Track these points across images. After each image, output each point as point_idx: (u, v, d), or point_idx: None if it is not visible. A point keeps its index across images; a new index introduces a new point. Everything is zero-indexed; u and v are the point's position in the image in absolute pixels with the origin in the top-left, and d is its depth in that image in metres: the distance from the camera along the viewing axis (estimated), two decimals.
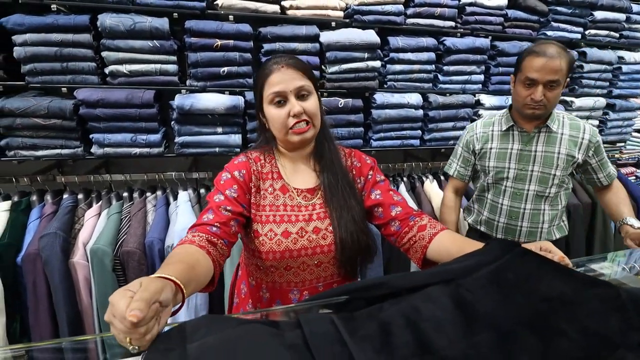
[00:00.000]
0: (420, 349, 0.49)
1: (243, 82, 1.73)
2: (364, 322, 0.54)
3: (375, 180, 0.97)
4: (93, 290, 1.54)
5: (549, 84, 1.23)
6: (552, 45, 1.24)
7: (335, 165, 0.94)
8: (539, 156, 1.36)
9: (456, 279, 0.62)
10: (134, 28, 1.54)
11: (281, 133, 0.88)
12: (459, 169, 1.54)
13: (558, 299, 0.59)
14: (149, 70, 1.61)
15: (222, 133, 1.74)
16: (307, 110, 0.85)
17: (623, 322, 0.55)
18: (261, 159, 0.94)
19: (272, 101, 0.86)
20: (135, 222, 1.65)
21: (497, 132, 1.44)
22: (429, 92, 2.05)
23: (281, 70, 0.85)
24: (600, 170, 1.39)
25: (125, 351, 0.47)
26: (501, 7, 2.03)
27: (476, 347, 0.49)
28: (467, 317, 0.54)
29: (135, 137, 1.64)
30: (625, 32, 2.39)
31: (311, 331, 0.50)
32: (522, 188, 1.41)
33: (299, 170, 0.95)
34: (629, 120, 2.54)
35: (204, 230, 0.77)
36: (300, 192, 0.93)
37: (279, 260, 0.88)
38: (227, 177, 0.88)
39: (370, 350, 0.47)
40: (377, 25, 1.87)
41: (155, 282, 0.51)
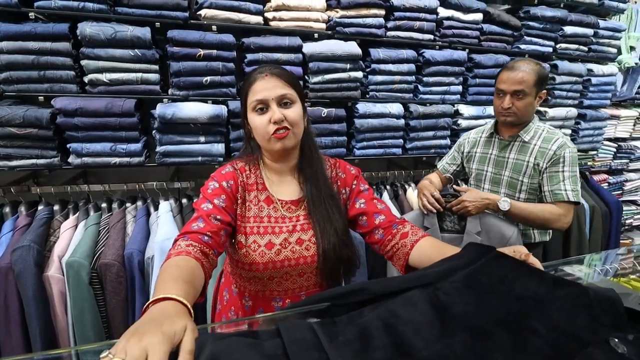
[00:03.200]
0: (398, 351, 0.50)
1: (226, 92, 1.73)
2: (344, 327, 0.54)
3: (359, 189, 0.98)
4: (68, 305, 1.48)
5: (515, 94, 1.35)
6: (523, 61, 1.38)
7: (319, 178, 0.94)
8: (510, 163, 1.46)
9: (433, 282, 0.63)
10: (115, 37, 1.53)
11: (264, 140, 0.88)
12: (445, 164, 1.69)
13: (530, 299, 0.61)
14: (129, 79, 1.60)
15: (205, 142, 1.73)
16: (288, 118, 0.86)
17: (591, 319, 0.57)
18: (246, 169, 0.94)
19: (255, 108, 0.86)
20: (114, 233, 1.61)
21: (484, 138, 1.56)
22: (409, 102, 2.11)
23: (265, 78, 0.86)
24: (548, 184, 1.37)
25: None
26: (477, 22, 2.12)
27: (452, 347, 0.50)
28: (444, 319, 0.55)
29: (115, 147, 1.61)
30: (593, 46, 2.52)
31: (290, 339, 0.50)
32: (497, 191, 1.51)
33: (284, 181, 0.96)
34: (599, 129, 2.66)
35: (196, 240, 0.76)
36: (284, 203, 0.93)
37: (262, 271, 0.88)
38: (215, 187, 0.88)
39: (348, 355, 0.48)
40: (359, 37, 1.91)
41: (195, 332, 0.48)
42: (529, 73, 1.32)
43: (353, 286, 0.64)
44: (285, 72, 0.89)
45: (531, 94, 1.34)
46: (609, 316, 0.58)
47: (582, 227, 2.24)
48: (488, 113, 2.23)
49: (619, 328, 0.56)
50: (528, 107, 1.37)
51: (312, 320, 0.57)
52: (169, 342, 0.43)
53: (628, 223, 3.25)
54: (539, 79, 1.34)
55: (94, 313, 1.50)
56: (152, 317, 0.48)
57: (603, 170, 3.05)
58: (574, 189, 1.33)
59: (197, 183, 1.87)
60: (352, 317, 0.57)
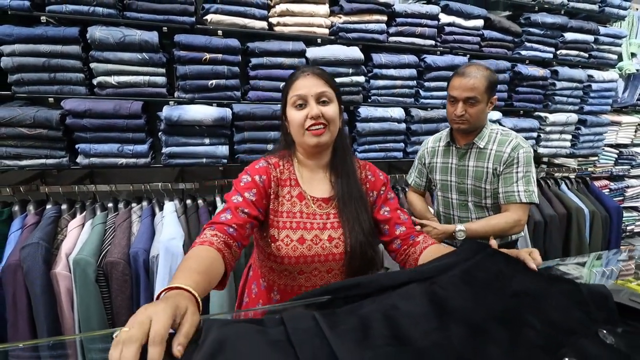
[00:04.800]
0: (396, 340, 0.52)
1: (231, 95, 1.77)
2: (345, 317, 0.57)
3: (387, 197, 1.02)
4: (75, 302, 1.51)
5: (467, 101, 1.32)
6: (473, 66, 1.35)
7: (351, 178, 0.97)
8: (471, 170, 1.44)
9: (431, 277, 0.66)
10: (124, 41, 1.57)
11: (299, 134, 0.92)
12: (415, 179, 1.67)
13: (525, 294, 0.64)
14: (137, 82, 1.64)
15: (210, 144, 1.77)
16: (325, 115, 0.90)
17: (584, 314, 0.60)
18: (280, 165, 0.97)
19: (294, 104, 0.91)
20: (120, 232, 1.64)
21: (441, 147, 1.53)
22: (411, 106, 2.14)
23: (306, 77, 0.91)
24: (501, 186, 1.36)
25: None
26: (478, 28, 2.15)
27: (449, 339, 0.53)
28: (441, 312, 0.58)
29: (122, 148, 1.65)
30: (594, 53, 2.55)
31: (294, 327, 0.53)
32: (464, 199, 1.49)
33: (316, 179, 0.98)
34: (600, 135, 2.68)
35: (222, 231, 0.79)
36: (316, 200, 0.96)
37: (294, 264, 0.92)
38: (248, 180, 0.91)
39: (348, 342, 0.50)
40: (361, 42, 1.95)
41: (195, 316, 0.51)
42: (480, 79, 1.31)
43: (354, 280, 0.67)
44: (325, 73, 0.94)
45: (483, 100, 1.33)
46: (601, 311, 0.61)
47: (582, 232, 2.26)
48: (489, 118, 2.25)
49: (609, 322, 0.58)
50: (480, 113, 1.35)
51: (313, 310, 0.60)
52: (172, 311, 0.46)
53: (629, 229, 3.25)
54: (489, 84, 1.33)
55: (100, 310, 1.53)
56: (160, 300, 0.53)
57: (604, 176, 3.06)
58: (526, 189, 1.33)
59: (200, 184, 1.90)
60: (352, 309, 0.59)
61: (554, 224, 2.16)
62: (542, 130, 2.45)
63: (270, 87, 1.81)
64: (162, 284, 1.53)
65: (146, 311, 0.45)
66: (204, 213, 1.84)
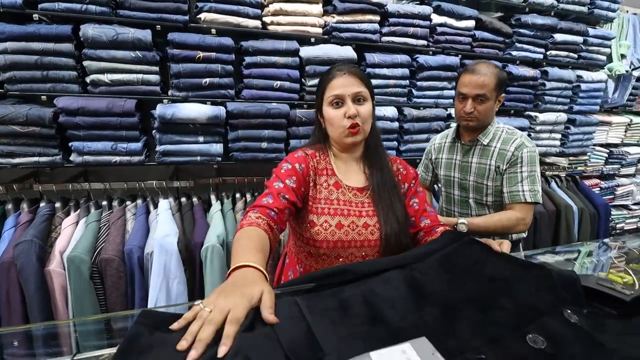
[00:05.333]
0: (372, 320, 0.55)
1: (225, 93, 1.78)
2: (326, 300, 0.60)
3: (417, 190, 1.07)
4: (69, 299, 1.52)
5: (477, 98, 1.34)
6: (483, 63, 1.36)
7: (384, 169, 1.02)
8: (474, 167, 1.45)
9: (411, 264, 0.69)
10: (117, 39, 1.58)
11: (337, 132, 0.97)
12: (422, 173, 1.70)
13: (499, 279, 0.68)
14: (130, 80, 1.64)
15: (204, 142, 1.78)
16: (360, 114, 0.95)
17: (553, 297, 0.63)
18: (317, 155, 1.02)
19: (331, 102, 0.95)
20: (114, 230, 1.65)
21: (447, 143, 1.56)
22: (403, 105, 2.16)
23: (343, 76, 0.95)
24: (506, 185, 1.37)
25: None
26: (469, 28, 2.18)
27: (423, 319, 0.56)
28: (418, 295, 0.61)
29: (116, 146, 1.66)
30: (583, 53, 2.59)
31: (276, 313, 0.55)
32: (465, 196, 1.51)
33: (350, 170, 1.04)
34: (589, 134, 2.73)
35: (264, 214, 0.84)
36: (351, 189, 1.01)
37: (332, 249, 0.96)
38: (288, 168, 0.96)
39: (326, 322, 0.53)
40: (354, 42, 1.97)
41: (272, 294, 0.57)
42: (489, 77, 1.32)
43: (339, 267, 0.70)
44: (360, 72, 0.98)
45: (492, 97, 1.34)
46: (569, 294, 0.64)
47: (570, 229, 2.30)
48: None
49: (576, 303, 0.62)
50: (489, 111, 1.36)
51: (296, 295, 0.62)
52: (249, 301, 0.53)
53: (619, 227, 3.30)
54: (499, 82, 1.34)
55: (94, 306, 1.54)
56: (235, 281, 0.59)
57: (595, 175, 3.10)
58: (531, 189, 1.33)
59: (195, 182, 1.92)
60: (334, 292, 0.62)
61: (543, 221, 2.21)
62: (532, 129, 2.49)
63: (264, 86, 1.83)
64: (157, 280, 1.55)
65: (227, 299, 0.52)
66: (198, 211, 1.85)
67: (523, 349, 0.51)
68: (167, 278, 1.57)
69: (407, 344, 0.51)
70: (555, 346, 0.51)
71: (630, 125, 3.08)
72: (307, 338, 0.51)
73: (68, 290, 1.52)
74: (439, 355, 0.48)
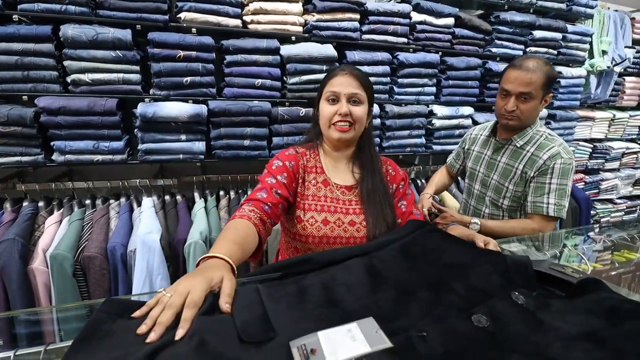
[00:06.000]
0: (328, 303, 0.58)
1: (206, 92, 1.80)
2: (286, 287, 0.63)
3: (405, 192, 1.09)
4: (52, 296, 1.54)
5: (521, 96, 1.24)
6: (532, 59, 1.25)
7: (376, 174, 1.05)
8: (500, 167, 1.40)
9: (372, 252, 0.72)
10: (97, 38, 1.59)
11: (325, 126, 1.01)
12: (451, 159, 1.72)
13: (455, 264, 0.71)
14: (111, 79, 1.66)
15: (186, 140, 1.80)
16: (353, 114, 0.98)
17: (505, 280, 0.67)
18: (307, 154, 1.06)
19: (328, 98, 1.00)
20: (98, 228, 1.67)
21: (483, 136, 1.51)
22: (385, 102, 2.19)
23: (344, 76, 0.99)
24: (531, 194, 1.30)
25: None
26: (449, 26, 2.21)
27: (376, 302, 0.59)
28: (375, 280, 0.64)
29: (98, 144, 1.67)
30: (562, 50, 2.63)
31: (236, 299, 0.58)
32: (484, 193, 1.48)
33: (339, 168, 1.07)
34: (570, 129, 2.78)
35: (258, 207, 0.88)
36: (339, 187, 1.04)
37: (317, 244, 0.99)
38: (279, 165, 0.99)
39: (283, 306, 0.56)
40: (335, 40, 2.00)
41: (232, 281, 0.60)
42: (538, 74, 1.21)
43: (302, 257, 0.73)
44: (362, 75, 1.01)
45: (537, 96, 1.24)
46: (521, 277, 0.67)
47: None
48: (461, 113, 2.33)
49: (527, 287, 0.64)
50: (533, 111, 1.27)
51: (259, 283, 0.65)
52: (207, 284, 0.57)
53: (604, 221, 3.35)
54: (547, 80, 1.23)
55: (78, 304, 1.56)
56: (198, 269, 0.63)
57: (580, 170, 3.15)
58: (557, 202, 1.25)
59: (179, 180, 1.94)
60: (296, 280, 0.65)
61: None
62: None
63: (245, 84, 1.85)
64: (140, 277, 1.57)
65: (186, 283, 0.56)
66: (182, 208, 1.87)
67: (465, 327, 0.54)
68: (150, 275, 1.58)
69: (354, 324, 0.54)
70: (497, 325, 0.54)
71: (613, 120, 3.13)
72: (261, 320, 0.54)
73: (51, 287, 1.53)
74: (381, 333, 0.52)
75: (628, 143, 3.28)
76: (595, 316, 0.55)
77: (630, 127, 3.27)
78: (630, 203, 3.45)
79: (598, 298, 0.58)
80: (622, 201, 3.41)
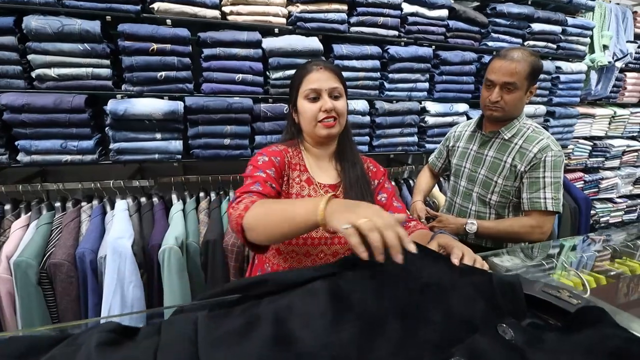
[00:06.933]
0: (277, 342, 0.48)
1: (183, 87, 1.70)
2: (232, 319, 0.53)
3: (384, 185, 1.08)
4: (17, 305, 1.45)
5: (505, 86, 1.24)
6: (517, 50, 1.25)
7: (357, 166, 1.03)
8: (488, 160, 1.38)
9: (340, 272, 0.62)
10: (62, 30, 1.49)
11: (311, 125, 0.97)
12: (434, 158, 1.70)
13: (433, 287, 0.60)
14: (79, 74, 1.56)
15: (161, 139, 1.69)
16: (336, 108, 0.96)
17: (489, 306, 0.56)
18: (290, 151, 1.02)
19: (308, 96, 0.96)
20: (67, 232, 1.57)
21: (468, 132, 1.49)
22: (375, 99, 2.09)
23: (320, 71, 0.96)
24: (526, 190, 1.28)
25: None
26: (442, 18, 2.10)
27: (338, 339, 0.49)
28: (339, 309, 0.54)
29: (66, 144, 1.57)
30: (562, 44, 2.52)
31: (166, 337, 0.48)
32: (470, 189, 1.44)
33: (322, 166, 1.04)
34: (569, 126, 2.67)
35: (259, 197, 0.83)
36: (323, 186, 1.01)
37: (301, 245, 0.95)
38: (265, 160, 0.95)
39: (219, 346, 0.47)
40: (321, 32, 1.89)
41: None
42: (522, 64, 1.20)
43: (260, 277, 0.63)
44: (337, 69, 1.00)
45: (522, 87, 1.23)
46: (510, 303, 0.57)
47: None
48: (455, 110, 2.23)
49: (516, 314, 0.55)
50: (517, 102, 1.26)
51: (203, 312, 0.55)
52: None
53: (604, 220, 3.27)
54: (532, 71, 1.22)
55: (43, 313, 1.47)
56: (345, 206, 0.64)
57: (579, 169, 3.07)
58: (554, 197, 1.24)
59: (156, 181, 1.84)
60: (245, 309, 0.55)
61: None
62: None
63: (224, 79, 1.74)
64: (110, 286, 1.47)
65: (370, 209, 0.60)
66: (158, 211, 1.77)
67: None
68: (121, 282, 1.49)
69: None
70: None
71: (614, 117, 3.04)
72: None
73: (16, 296, 1.45)
74: None
75: (629, 141, 3.21)
76: (597, 358, 0.46)
77: (632, 125, 3.19)
78: (631, 202, 3.37)
79: (601, 335, 0.49)
80: (622, 200, 3.33)
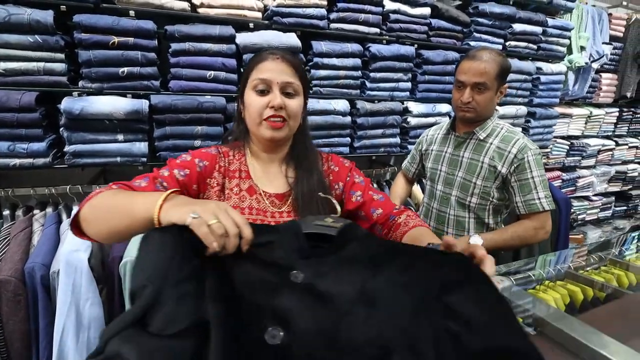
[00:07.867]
0: None
1: (148, 84, 1.56)
2: None
3: (354, 181, 0.94)
4: None
5: (476, 87, 1.24)
6: (485, 50, 1.27)
7: (313, 175, 0.88)
8: (464, 162, 1.36)
9: None
10: (9, 20, 1.33)
11: (254, 123, 0.83)
12: (407, 163, 1.67)
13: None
14: (30, 69, 1.40)
15: (124, 141, 1.55)
16: (287, 108, 0.81)
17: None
18: (230, 155, 0.89)
19: (255, 87, 0.81)
20: (15, 245, 1.41)
21: (441, 135, 1.47)
22: (356, 98, 2.01)
23: (275, 60, 0.82)
24: (519, 194, 1.27)
25: None
26: (425, 16, 2.04)
27: None
28: None
29: (14, 146, 1.41)
30: (542, 45, 2.52)
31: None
32: (448, 192, 1.41)
33: (270, 173, 0.90)
34: (549, 127, 2.68)
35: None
36: (268, 196, 0.87)
37: None
38: (186, 160, 0.83)
39: None
40: (299, 28, 1.79)
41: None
42: (491, 64, 1.21)
43: None
44: (299, 63, 0.86)
45: (492, 87, 1.24)
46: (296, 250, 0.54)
47: None
48: (438, 111, 2.17)
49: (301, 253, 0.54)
50: (488, 102, 1.27)
51: None
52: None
53: (581, 218, 3.35)
54: (501, 71, 1.24)
55: None
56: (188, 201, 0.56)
57: (557, 167, 3.10)
58: (546, 195, 1.25)
59: None
60: None
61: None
62: None
63: (195, 76, 1.62)
64: (64, 304, 1.33)
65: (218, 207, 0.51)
66: None
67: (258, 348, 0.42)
68: (76, 300, 1.35)
69: None
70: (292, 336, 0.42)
71: (590, 117, 3.09)
72: None
73: None
74: None
75: (604, 140, 3.28)
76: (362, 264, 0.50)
77: (606, 124, 3.26)
78: (605, 200, 3.45)
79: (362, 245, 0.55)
80: (598, 198, 3.41)
